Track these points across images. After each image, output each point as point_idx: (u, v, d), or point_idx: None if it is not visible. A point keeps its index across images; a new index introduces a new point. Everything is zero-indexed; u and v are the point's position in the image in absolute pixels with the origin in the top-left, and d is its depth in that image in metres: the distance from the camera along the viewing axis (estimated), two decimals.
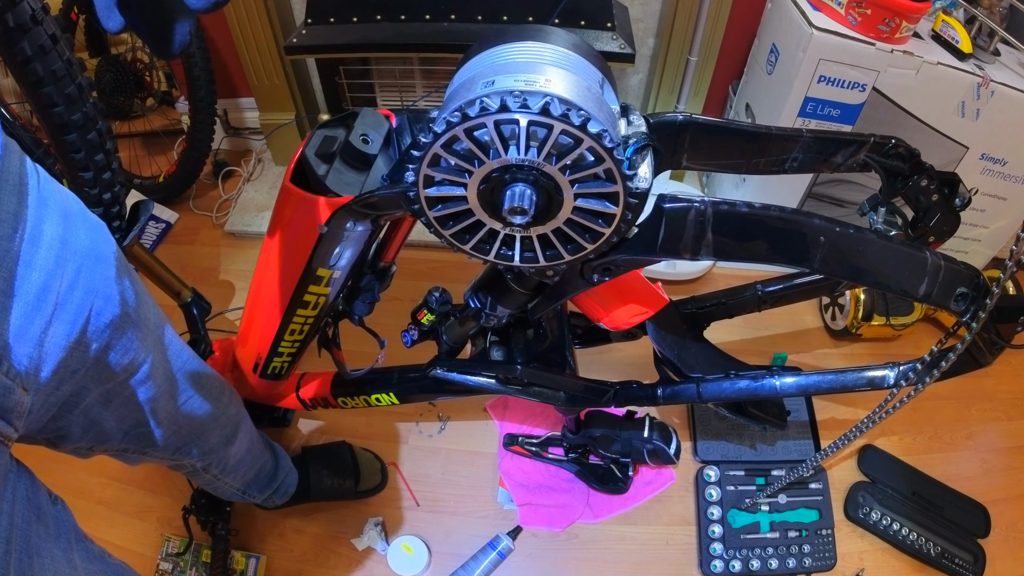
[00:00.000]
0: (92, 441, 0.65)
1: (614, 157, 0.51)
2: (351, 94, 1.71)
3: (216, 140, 1.86)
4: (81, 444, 0.64)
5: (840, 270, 0.62)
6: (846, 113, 1.34)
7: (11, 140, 0.50)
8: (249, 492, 1.06)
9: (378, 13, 1.39)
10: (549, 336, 0.91)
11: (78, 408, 0.60)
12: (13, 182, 0.48)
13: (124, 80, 1.66)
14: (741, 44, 1.62)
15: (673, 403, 0.93)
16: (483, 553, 1.16)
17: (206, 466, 0.89)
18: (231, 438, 0.90)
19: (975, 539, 1.24)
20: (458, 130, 0.50)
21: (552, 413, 1.35)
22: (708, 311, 1.01)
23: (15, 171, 0.49)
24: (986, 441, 1.42)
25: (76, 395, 0.58)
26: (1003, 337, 0.65)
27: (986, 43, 1.29)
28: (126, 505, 1.24)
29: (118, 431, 0.68)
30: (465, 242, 0.60)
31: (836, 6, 1.26)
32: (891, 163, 0.77)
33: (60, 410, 0.58)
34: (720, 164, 0.78)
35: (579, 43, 0.59)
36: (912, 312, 1.49)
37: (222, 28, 1.63)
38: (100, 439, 0.66)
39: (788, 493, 1.25)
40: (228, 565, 1.14)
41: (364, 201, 0.66)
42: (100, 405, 0.62)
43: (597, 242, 0.58)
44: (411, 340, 0.94)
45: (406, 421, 1.37)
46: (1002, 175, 1.41)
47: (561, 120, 0.48)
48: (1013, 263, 0.57)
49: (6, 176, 0.48)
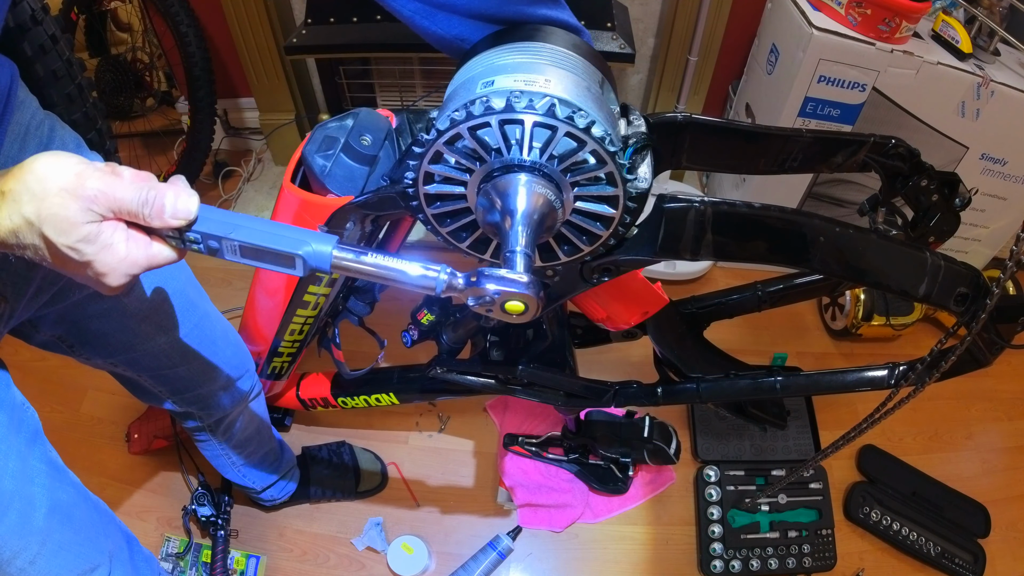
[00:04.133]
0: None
1: (616, 161, 0.51)
2: (351, 94, 1.71)
3: (216, 140, 1.86)
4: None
5: (840, 270, 0.62)
6: (846, 113, 1.34)
7: (31, 96, 0.52)
8: (250, 476, 1.06)
9: (378, 13, 1.39)
10: (549, 336, 0.91)
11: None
12: (19, 132, 0.50)
13: (124, 80, 1.66)
14: (741, 44, 1.62)
15: (673, 403, 0.93)
16: (483, 553, 1.16)
17: (213, 424, 0.90)
18: (237, 396, 0.91)
19: (975, 539, 1.24)
20: (462, 128, 0.49)
21: (552, 413, 1.35)
22: (708, 311, 1.01)
23: (24, 122, 0.51)
24: (986, 441, 1.42)
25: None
26: (1003, 337, 0.65)
27: (986, 43, 1.29)
28: (126, 505, 1.24)
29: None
30: (462, 240, 0.60)
31: (836, 6, 1.26)
32: (891, 163, 0.77)
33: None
34: (720, 164, 0.78)
35: (579, 43, 0.59)
36: (912, 312, 1.49)
37: (222, 28, 1.63)
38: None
39: (788, 493, 1.25)
40: (228, 565, 1.14)
41: (364, 201, 0.66)
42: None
43: (594, 244, 0.58)
44: (411, 340, 0.94)
45: (406, 421, 1.37)
46: (1002, 175, 1.41)
47: (566, 122, 0.48)
48: (1013, 263, 0.57)
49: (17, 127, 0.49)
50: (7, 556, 0.56)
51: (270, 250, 0.44)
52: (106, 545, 0.68)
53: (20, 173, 0.39)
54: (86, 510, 0.66)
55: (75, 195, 0.39)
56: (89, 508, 0.67)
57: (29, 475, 0.58)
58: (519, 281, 0.44)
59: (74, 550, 0.63)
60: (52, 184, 0.38)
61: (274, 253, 0.44)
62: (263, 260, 0.44)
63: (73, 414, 1.36)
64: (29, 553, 0.58)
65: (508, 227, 0.48)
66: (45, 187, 0.38)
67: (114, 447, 1.30)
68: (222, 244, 0.44)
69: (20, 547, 0.57)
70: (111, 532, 0.71)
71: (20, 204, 0.38)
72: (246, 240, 0.43)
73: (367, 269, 0.45)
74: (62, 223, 0.39)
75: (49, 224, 0.39)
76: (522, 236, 0.48)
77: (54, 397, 1.37)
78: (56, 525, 0.60)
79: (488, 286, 0.44)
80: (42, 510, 0.59)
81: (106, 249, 0.41)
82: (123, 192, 0.41)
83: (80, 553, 0.64)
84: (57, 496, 0.61)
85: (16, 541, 0.57)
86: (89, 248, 0.40)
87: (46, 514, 0.59)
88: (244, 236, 0.43)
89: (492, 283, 0.44)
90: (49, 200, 0.38)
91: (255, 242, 0.43)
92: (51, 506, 0.60)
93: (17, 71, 0.54)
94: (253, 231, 0.43)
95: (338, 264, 0.44)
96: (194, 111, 1.68)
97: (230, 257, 0.44)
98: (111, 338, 0.71)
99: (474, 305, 0.45)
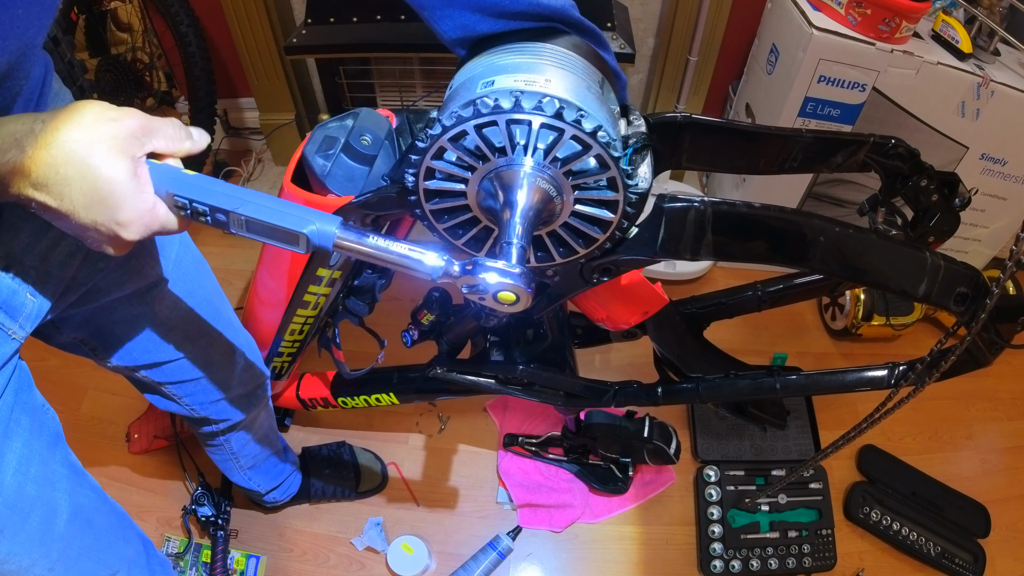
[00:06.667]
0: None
1: (619, 167, 0.51)
2: (351, 94, 1.71)
3: (216, 140, 1.86)
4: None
5: (840, 270, 0.62)
6: (846, 113, 1.34)
7: (65, 89, 0.53)
8: (256, 480, 1.06)
9: (378, 13, 1.39)
10: (549, 336, 0.91)
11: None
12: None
13: (124, 80, 1.66)
14: (741, 44, 1.62)
15: (673, 403, 0.93)
16: (483, 553, 1.16)
17: (227, 430, 0.90)
18: (254, 404, 0.90)
19: (975, 539, 1.24)
20: (468, 125, 0.49)
21: (552, 413, 1.35)
22: (708, 311, 1.01)
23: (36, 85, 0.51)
24: (986, 441, 1.42)
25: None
26: (1003, 337, 0.65)
27: (986, 43, 1.29)
28: (126, 505, 1.22)
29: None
30: (458, 237, 0.60)
31: (836, 6, 1.26)
32: (891, 163, 0.77)
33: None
34: (720, 164, 0.78)
35: (578, 43, 0.59)
36: (912, 312, 1.49)
37: (222, 28, 1.63)
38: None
39: (788, 493, 1.25)
40: (228, 565, 1.14)
41: (364, 201, 0.66)
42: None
43: (590, 247, 0.58)
44: (411, 340, 0.94)
45: (406, 421, 1.37)
46: (1002, 175, 1.41)
47: (573, 125, 0.48)
48: (1013, 263, 0.57)
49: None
50: (26, 563, 0.55)
51: (275, 226, 0.45)
52: (125, 550, 0.67)
53: (66, 110, 0.39)
54: (105, 514, 0.65)
55: (119, 129, 0.40)
56: (108, 512, 0.66)
57: (51, 480, 0.57)
58: (512, 272, 0.45)
59: (94, 556, 0.61)
60: (101, 118, 0.39)
61: (279, 230, 0.45)
62: (268, 236, 0.45)
63: (73, 414, 1.36)
64: (48, 560, 0.56)
65: (507, 219, 0.50)
66: (95, 120, 0.39)
67: (114, 447, 1.30)
68: (229, 218, 0.45)
69: (40, 554, 0.55)
70: (129, 537, 0.70)
71: (59, 136, 0.38)
72: (252, 215, 0.44)
73: (368, 251, 0.45)
74: (105, 154, 0.39)
75: (96, 157, 0.39)
76: (519, 228, 0.49)
77: (54, 397, 1.35)
78: (77, 531, 0.59)
79: (482, 275, 0.45)
80: (63, 516, 0.57)
81: (138, 194, 0.41)
82: (156, 119, 0.43)
83: (100, 559, 0.62)
84: (78, 501, 0.59)
85: (36, 548, 0.55)
86: (126, 186, 0.41)
87: (67, 520, 0.58)
88: (251, 211, 0.44)
89: (486, 273, 0.45)
90: (98, 131, 0.39)
91: (261, 218, 0.44)
92: (72, 511, 0.58)
93: (52, 64, 0.54)
94: (260, 207, 0.44)
95: (341, 244, 0.45)
96: (194, 111, 1.67)
97: (236, 230, 0.45)
98: (137, 345, 0.69)
99: (467, 292, 0.46)
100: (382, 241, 0.45)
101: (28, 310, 0.52)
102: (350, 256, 0.48)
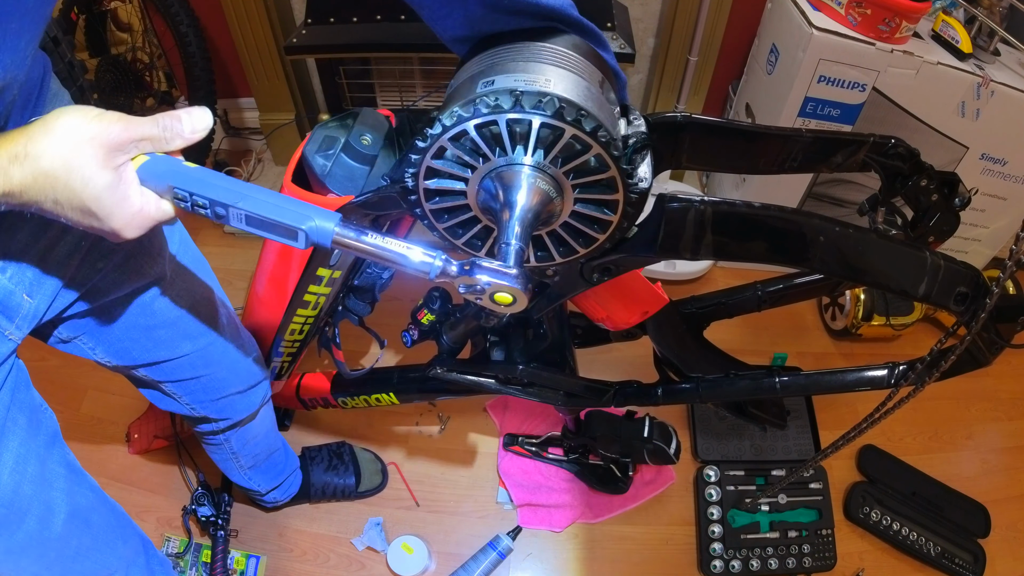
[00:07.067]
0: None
1: (620, 167, 0.51)
2: (351, 94, 1.71)
3: (216, 140, 1.86)
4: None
5: (840, 270, 0.62)
6: (846, 113, 1.34)
7: (63, 90, 0.53)
8: (256, 479, 1.06)
9: (378, 13, 1.39)
10: (549, 336, 0.91)
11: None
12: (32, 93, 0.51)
13: (124, 80, 1.66)
14: (741, 44, 1.62)
15: (673, 403, 0.93)
16: (483, 553, 1.16)
17: (227, 429, 0.90)
18: (254, 402, 0.90)
19: (975, 539, 1.24)
20: (468, 124, 0.50)
21: (552, 413, 1.35)
22: (708, 311, 1.01)
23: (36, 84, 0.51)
24: (986, 441, 1.42)
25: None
26: (1003, 337, 0.65)
27: (986, 43, 1.29)
28: (126, 505, 1.22)
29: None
30: (458, 237, 0.60)
31: (836, 6, 1.26)
32: (891, 163, 0.77)
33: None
34: (720, 164, 0.78)
35: (579, 43, 0.59)
36: (912, 312, 1.49)
37: (222, 28, 1.63)
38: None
39: (788, 493, 1.25)
40: (228, 565, 1.14)
41: (364, 200, 0.66)
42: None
43: (590, 247, 0.58)
44: (411, 340, 0.94)
45: (406, 421, 1.37)
46: (1002, 175, 1.41)
47: (573, 125, 0.48)
48: (1013, 263, 0.57)
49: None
50: (24, 563, 0.55)
51: (274, 222, 0.45)
52: (124, 551, 0.67)
53: (45, 126, 0.39)
54: (104, 514, 0.65)
55: (101, 142, 0.40)
56: (107, 512, 0.66)
57: (49, 479, 0.57)
58: (509, 274, 0.45)
59: (92, 556, 0.61)
60: (80, 133, 0.40)
61: (278, 225, 0.45)
62: (267, 230, 0.46)
63: (73, 414, 1.36)
64: (46, 559, 0.56)
65: (506, 219, 0.50)
66: (74, 136, 0.39)
67: (114, 447, 1.30)
68: (229, 212, 0.45)
69: (38, 554, 0.55)
70: (128, 537, 0.70)
71: (39, 159, 0.39)
72: (252, 210, 0.45)
73: (366, 248, 0.46)
74: (87, 170, 0.40)
75: (76, 173, 0.39)
76: (517, 229, 0.49)
77: (54, 397, 1.36)
78: (75, 531, 0.59)
79: (479, 276, 0.45)
80: (61, 515, 0.57)
81: (123, 202, 0.42)
82: (142, 125, 0.43)
83: (98, 559, 0.62)
84: (76, 501, 0.59)
85: (33, 548, 0.55)
86: (110, 197, 0.41)
87: (65, 519, 0.57)
88: (250, 206, 0.45)
89: (483, 273, 0.45)
90: (78, 148, 0.39)
91: (261, 213, 0.45)
92: (70, 511, 0.58)
93: (50, 65, 0.54)
94: (259, 202, 0.45)
95: (339, 240, 0.45)
96: None
97: (235, 224, 0.45)
98: (137, 345, 0.69)
99: (465, 292, 0.46)
100: (380, 239, 0.46)
101: (25, 311, 0.52)
102: (349, 253, 0.48)
